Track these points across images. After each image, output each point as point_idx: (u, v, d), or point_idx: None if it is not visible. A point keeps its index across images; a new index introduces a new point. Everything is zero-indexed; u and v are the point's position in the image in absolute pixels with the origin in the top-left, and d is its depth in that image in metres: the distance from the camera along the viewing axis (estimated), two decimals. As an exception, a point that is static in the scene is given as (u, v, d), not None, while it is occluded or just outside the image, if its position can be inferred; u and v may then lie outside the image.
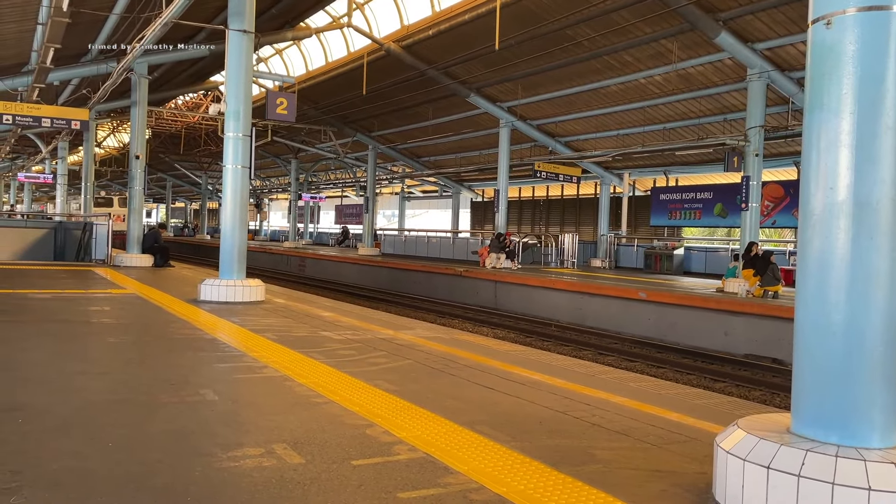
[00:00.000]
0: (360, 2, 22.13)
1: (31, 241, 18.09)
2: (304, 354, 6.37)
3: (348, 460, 3.50)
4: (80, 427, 3.93)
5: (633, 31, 17.35)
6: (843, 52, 2.89)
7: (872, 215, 2.81)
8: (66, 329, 7.51)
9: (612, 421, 4.45)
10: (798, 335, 3.04)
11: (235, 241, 10.89)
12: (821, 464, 2.68)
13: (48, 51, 12.94)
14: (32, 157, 37.77)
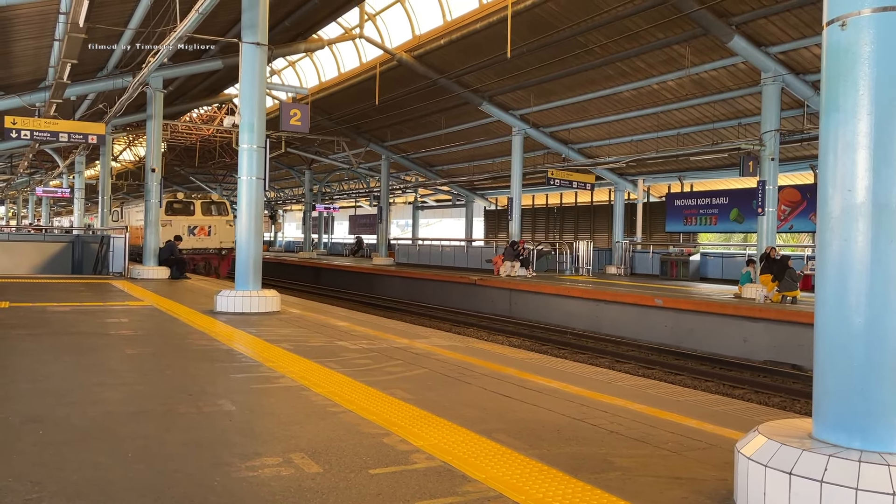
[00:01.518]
0: (371, 13, 22.27)
1: (50, 255, 18.29)
2: (320, 364, 6.38)
3: (366, 469, 3.49)
4: (100, 438, 3.96)
5: (646, 37, 17.32)
6: (859, 53, 2.87)
7: (892, 217, 2.79)
8: (84, 341, 7.57)
9: (631, 428, 4.42)
10: (818, 339, 3.00)
11: (251, 253, 10.94)
12: (844, 469, 2.64)
13: (65, 66, 13.10)
14: (50, 172, 38.22)
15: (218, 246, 23.92)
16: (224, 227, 23.97)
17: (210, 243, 23.86)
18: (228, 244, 23.45)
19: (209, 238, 23.92)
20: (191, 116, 32.68)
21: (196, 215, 23.91)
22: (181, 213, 23.53)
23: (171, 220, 22.45)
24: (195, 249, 23.36)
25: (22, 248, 18.29)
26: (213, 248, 23.94)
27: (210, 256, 23.78)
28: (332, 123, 29.69)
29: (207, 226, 24.00)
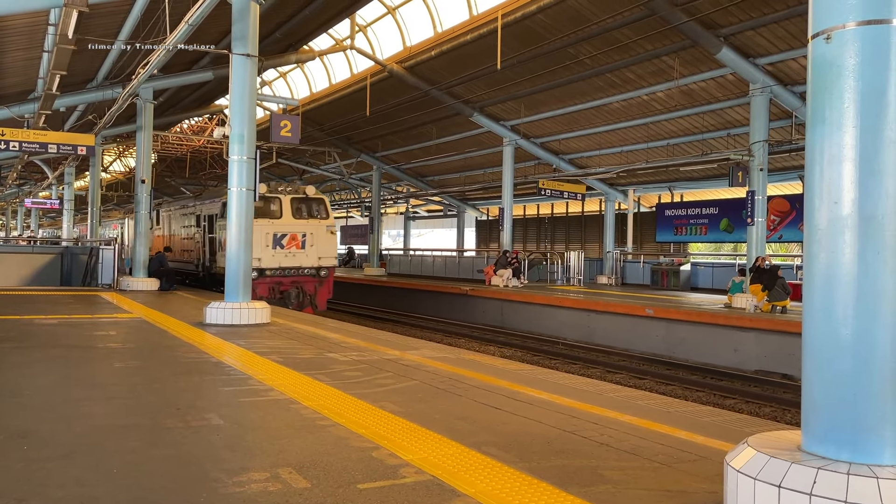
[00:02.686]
0: (362, 25, 22.33)
1: (38, 267, 18.16)
2: (310, 376, 6.34)
3: (354, 483, 3.47)
4: (85, 453, 3.91)
5: (635, 49, 17.42)
6: (844, 66, 2.89)
7: (878, 229, 2.79)
8: (71, 354, 7.51)
9: (621, 440, 4.41)
10: (806, 351, 3.01)
11: (241, 264, 10.90)
12: (832, 482, 2.63)
13: (54, 78, 13.05)
14: (39, 183, 38.04)
15: (315, 264, 17.21)
16: (324, 237, 17.39)
17: (304, 260, 17.06)
18: (329, 261, 17.52)
19: (303, 252, 17.10)
20: (181, 127, 32.62)
21: (284, 218, 17.04)
22: (261, 215, 16.43)
23: None
24: (282, 270, 16.82)
25: (10, 260, 18.15)
26: (309, 266, 17.14)
27: (303, 280, 17.16)
28: (324, 134, 29.69)
29: (301, 234, 17.11)
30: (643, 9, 15.37)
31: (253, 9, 10.90)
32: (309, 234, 17.24)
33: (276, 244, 16.75)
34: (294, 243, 16.99)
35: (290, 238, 16.96)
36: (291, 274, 17.00)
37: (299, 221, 17.25)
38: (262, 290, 16.37)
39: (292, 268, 16.98)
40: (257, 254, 15.56)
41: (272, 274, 16.58)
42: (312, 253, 17.25)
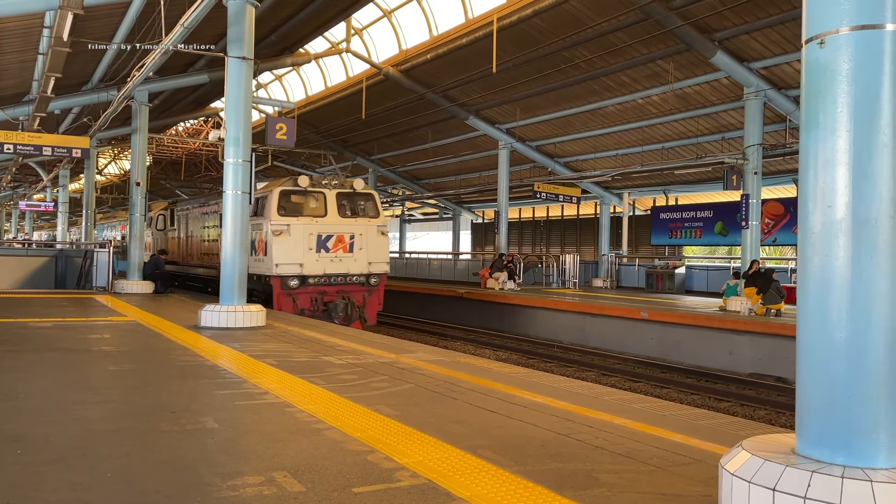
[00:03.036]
0: (358, 28, 22.34)
1: (32, 270, 18.10)
2: (305, 380, 6.33)
3: (349, 487, 3.46)
4: (80, 457, 3.90)
5: (630, 52, 17.47)
6: (837, 70, 2.90)
7: (872, 233, 2.81)
8: (66, 358, 7.48)
9: (616, 443, 4.41)
10: (800, 354, 3.02)
11: (236, 267, 10.88)
12: (827, 485, 2.64)
13: (49, 80, 13.02)
14: (34, 186, 37.94)
15: (365, 271, 15.02)
16: (375, 238, 15.20)
17: (353, 266, 14.85)
18: (381, 267, 15.31)
19: (350, 257, 14.86)
20: (177, 130, 32.57)
21: (329, 216, 14.85)
22: (303, 212, 14.71)
23: (289, 226, 14.22)
24: (327, 277, 14.63)
25: (4, 263, 18.09)
26: (358, 274, 14.94)
27: (351, 289, 14.95)
28: (319, 137, 29.67)
29: (349, 235, 14.87)
30: (638, 13, 15.42)
31: (249, 11, 10.90)
32: (358, 235, 14.96)
33: (321, 247, 14.50)
34: (341, 246, 14.73)
35: (337, 240, 14.66)
36: (338, 282, 14.71)
37: (346, 220, 15.00)
38: (304, 302, 14.34)
39: (339, 275, 14.66)
40: (298, 258, 14.09)
41: (316, 282, 14.40)
42: (362, 257, 14.96)
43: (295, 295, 13.95)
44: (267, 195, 14.55)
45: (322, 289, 14.59)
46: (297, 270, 13.85)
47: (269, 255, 14.05)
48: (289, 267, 13.95)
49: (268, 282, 14.26)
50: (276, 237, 13.89)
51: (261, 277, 14.53)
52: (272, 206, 14.33)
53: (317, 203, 14.99)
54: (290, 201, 14.76)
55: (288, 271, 13.92)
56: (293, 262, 13.98)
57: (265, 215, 14.42)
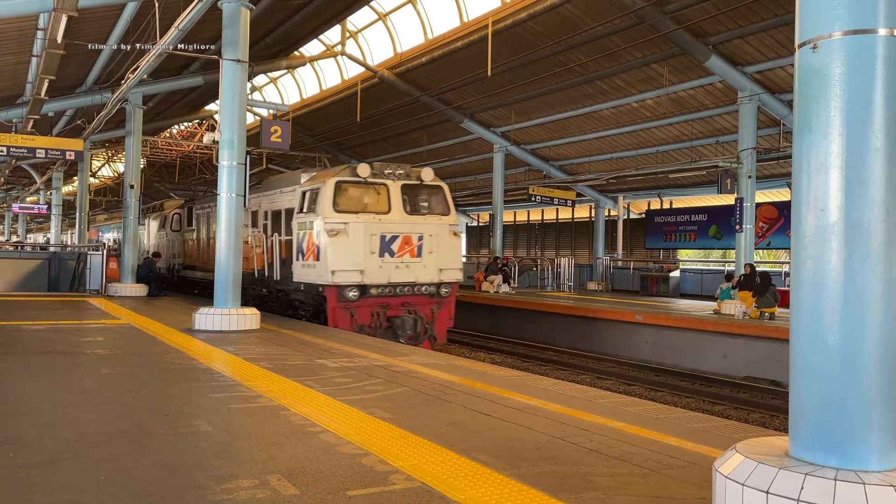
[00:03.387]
0: (353, 31, 22.35)
1: (25, 272, 18.03)
2: (300, 383, 6.32)
3: (343, 490, 3.45)
4: (73, 460, 3.88)
5: (625, 56, 17.52)
6: (830, 75, 2.92)
7: (864, 237, 2.82)
8: (59, 360, 7.45)
9: (611, 446, 4.42)
10: (794, 357, 3.03)
11: (230, 270, 10.86)
12: (820, 488, 2.65)
13: (43, 82, 13.00)
14: (27, 188, 37.81)
15: (436, 279, 12.70)
16: (447, 240, 12.91)
17: (421, 273, 12.55)
18: (452, 275, 12.97)
19: (419, 262, 12.54)
20: (171, 132, 32.54)
21: (394, 213, 12.50)
22: (362, 208, 12.35)
23: (347, 225, 11.89)
24: (392, 288, 12.32)
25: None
26: (427, 283, 12.63)
27: (418, 300, 12.67)
28: (314, 140, 29.67)
29: (416, 236, 12.54)
30: (632, 17, 15.47)
31: (244, 14, 10.90)
32: (427, 236, 12.57)
33: (385, 250, 12.14)
34: (407, 249, 12.35)
35: (403, 242, 12.30)
36: (404, 293, 12.38)
37: (413, 219, 12.66)
38: (364, 317, 12.09)
39: (405, 284, 12.32)
40: (357, 263, 11.79)
41: (379, 293, 12.08)
42: (431, 263, 12.58)
43: (353, 309, 11.80)
44: (318, 188, 12.26)
45: (385, 301, 12.29)
46: (356, 279, 11.75)
47: (323, 261, 11.79)
48: (347, 274, 11.72)
49: (319, 292, 12.06)
50: (332, 238, 11.66)
51: (310, 288, 12.30)
52: (326, 200, 11.97)
53: (378, 197, 12.58)
54: (348, 195, 12.33)
55: (346, 279, 11.70)
56: (352, 268, 11.78)
57: (316, 212, 12.13)
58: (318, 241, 11.89)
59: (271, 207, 14.37)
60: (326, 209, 11.91)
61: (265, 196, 14.81)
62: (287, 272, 13.29)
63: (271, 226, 14.28)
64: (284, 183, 14.19)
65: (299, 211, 12.55)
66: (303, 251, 12.52)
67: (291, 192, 13.51)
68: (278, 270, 13.64)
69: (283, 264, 13.53)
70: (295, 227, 12.87)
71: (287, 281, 13.30)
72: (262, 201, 14.83)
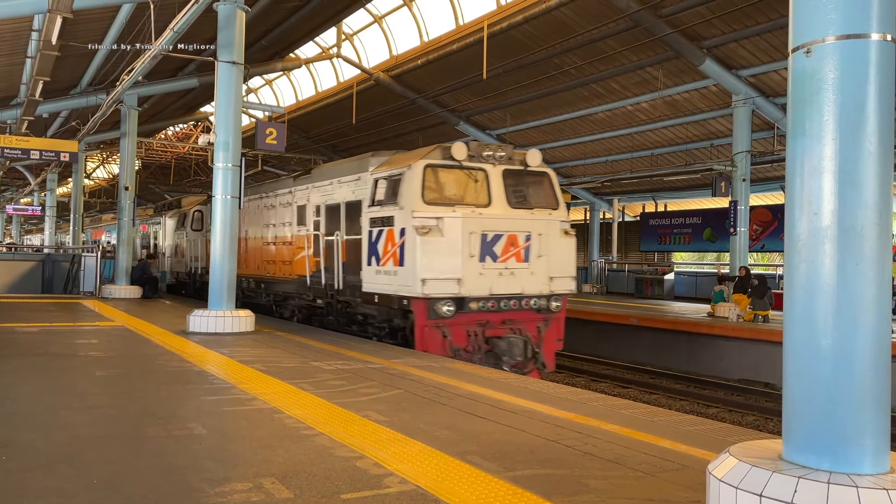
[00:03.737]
0: (349, 33, 22.36)
1: (19, 274, 17.96)
2: (294, 385, 6.31)
3: (337, 494, 3.45)
4: (66, 463, 3.87)
5: (620, 59, 17.56)
6: (824, 79, 2.93)
7: (857, 240, 2.83)
8: (53, 363, 7.42)
9: (605, 449, 4.42)
10: (787, 360, 3.04)
11: (225, 272, 10.84)
12: (813, 491, 2.66)
13: (37, 83, 12.96)
14: (21, 190, 37.69)
15: (546, 291, 10.16)
16: (558, 241, 10.32)
17: (529, 283, 10.02)
18: (565, 284, 10.36)
19: (526, 269, 9.98)
20: (166, 134, 32.47)
21: (495, 206, 9.97)
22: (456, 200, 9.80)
23: (440, 220, 9.41)
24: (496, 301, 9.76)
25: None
26: (536, 295, 10.09)
27: (523, 316, 10.17)
28: (309, 142, 29.66)
29: (524, 235, 10.02)
30: (628, 20, 15.52)
31: (239, 16, 10.90)
32: (536, 235, 10.00)
33: (486, 253, 9.56)
34: (513, 252, 9.78)
35: (508, 242, 9.74)
36: (509, 307, 9.81)
37: (519, 213, 10.05)
38: (459, 337, 9.52)
39: (511, 296, 9.78)
40: (454, 269, 9.25)
41: (479, 307, 9.54)
42: (541, 270, 9.99)
43: (446, 327, 9.37)
44: (400, 173, 9.81)
45: (485, 317, 9.74)
46: (452, 289, 9.28)
47: (411, 266, 9.25)
48: (441, 284, 9.20)
49: (403, 306, 9.59)
50: (423, 237, 9.16)
51: (387, 300, 9.87)
52: (412, 188, 9.43)
53: (476, 185, 10.07)
54: (440, 182, 9.82)
55: (440, 290, 9.20)
56: (448, 276, 9.23)
57: (399, 203, 9.62)
58: (403, 241, 9.47)
59: (325, 201, 11.98)
60: (414, 200, 9.38)
61: (316, 188, 12.40)
62: (353, 280, 10.82)
63: (326, 223, 11.86)
64: (344, 171, 11.79)
65: (371, 204, 10.28)
66: (378, 254, 10.04)
67: (355, 182, 11.15)
68: (340, 277, 11.20)
69: (347, 270, 11.05)
70: (364, 223, 10.46)
71: (353, 291, 10.86)
72: (312, 194, 12.52)
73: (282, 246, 13.73)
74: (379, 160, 10.94)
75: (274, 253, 14.11)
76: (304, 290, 12.63)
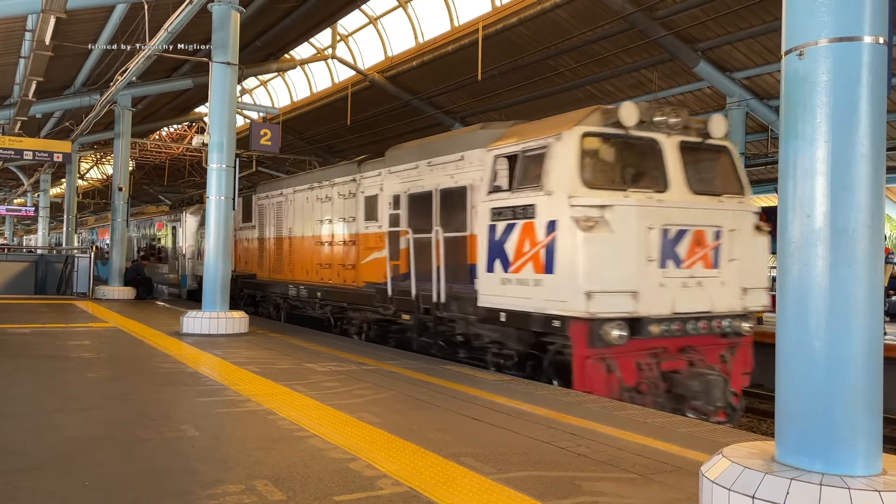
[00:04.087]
0: (344, 34, 22.35)
1: (12, 275, 17.89)
2: (288, 387, 6.30)
3: (330, 496, 3.44)
4: (57, 466, 3.85)
5: (614, 61, 17.59)
6: (816, 81, 2.93)
7: (850, 243, 2.84)
8: (45, 364, 7.39)
9: (599, 451, 4.42)
10: (780, 362, 3.04)
11: (219, 273, 10.81)
12: (805, 492, 2.66)
13: (31, 84, 12.92)
14: (14, 190, 37.55)
15: (738, 307, 7.68)
16: (749, 239, 7.94)
17: (717, 297, 7.50)
18: (759, 299, 8.07)
19: (714, 277, 7.47)
20: (160, 135, 32.40)
21: (673, 191, 7.42)
22: (631, 181, 7.49)
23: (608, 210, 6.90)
24: (682, 323, 7.22)
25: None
26: (727, 313, 7.57)
27: (708, 341, 7.63)
28: (304, 143, 29.62)
29: (713, 232, 7.46)
30: (622, 22, 15.54)
31: (234, 17, 10.88)
32: (727, 232, 7.63)
33: (668, 255, 7.16)
34: (699, 254, 7.41)
35: (693, 241, 7.35)
36: (697, 331, 7.42)
37: (703, 201, 7.70)
38: (629, 372, 7.15)
39: (699, 315, 7.38)
40: (626, 279, 6.89)
41: (663, 332, 7.12)
42: (732, 278, 7.68)
43: (612, 359, 7.01)
44: (544, 145, 7.48)
45: (662, 344, 7.32)
46: (626, 306, 6.88)
47: (568, 274, 6.92)
48: (611, 299, 6.83)
49: (553, 329, 7.15)
50: (587, 233, 6.77)
51: (524, 320, 7.46)
52: (568, 165, 7.16)
53: (646, 163, 7.66)
54: (601, 158, 7.56)
55: (610, 307, 6.83)
56: (620, 287, 6.87)
57: (545, 187, 7.28)
58: (552, 239, 7.04)
59: (408, 189, 9.66)
60: (569, 182, 7.04)
61: (393, 173, 10.13)
62: (459, 290, 8.40)
63: (410, 216, 9.55)
64: (436, 150, 9.35)
65: (492, 190, 7.94)
66: (505, 256, 7.62)
67: (456, 163, 8.75)
68: (441, 287, 8.65)
69: (451, 277, 8.58)
70: (481, 216, 8.03)
71: (461, 305, 8.36)
72: (387, 181, 10.24)
73: (341, 246, 11.43)
74: (491, 133, 8.60)
75: (330, 255, 11.77)
76: (377, 302, 10.13)
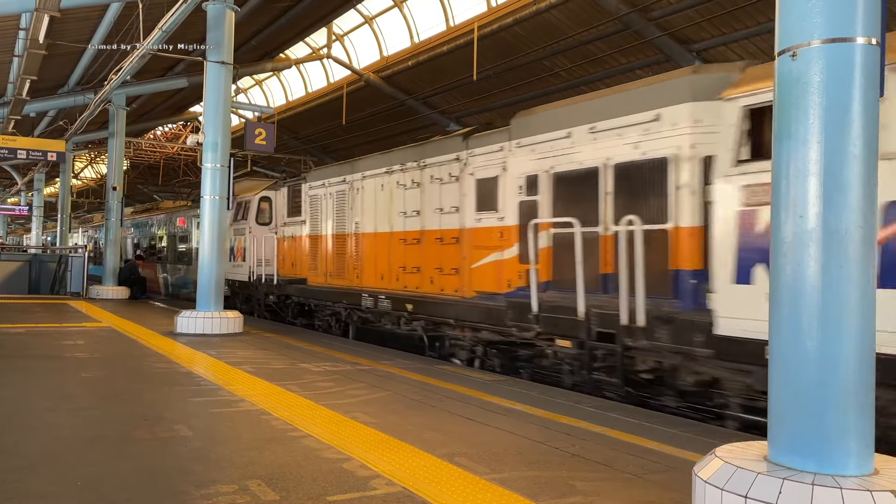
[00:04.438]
0: (339, 34, 22.32)
1: (6, 274, 17.81)
2: (282, 387, 6.29)
3: (324, 496, 3.44)
4: (49, 466, 3.84)
5: (609, 62, 17.61)
6: (809, 82, 2.94)
7: (842, 243, 2.84)
8: (38, 364, 7.36)
9: (593, 451, 4.42)
10: (773, 363, 3.05)
11: (213, 272, 10.79)
12: (797, 492, 2.67)
13: (24, 82, 12.87)
14: (8, 190, 37.41)
15: None
16: None
17: None
18: None
19: None
20: (155, 134, 32.31)
21: None
22: None
23: None
24: None
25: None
26: None
27: None
28: (299, 143, 29.59)
29: None
30: (617, 23, 15.57)
31: (228, 16, 10.86)
32: None
33: None
34: None
35: None
36: None
37: None
38: None
39: None
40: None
41: None
42: None
43: None
44: None
45: None
46: None
47: None
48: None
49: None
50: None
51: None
52: None
53: None
54: None
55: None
56: None
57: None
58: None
59: (552, 167, 7.59)
60: None
61: (524, 147, 8.38)
62: (672, 310, 6.03)
63: (556, 203, 7.41)
64: (610, 107, 7.00)
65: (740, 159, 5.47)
66: None
67: (642, 126, 6.44)
68: (639, 304, 6.17)
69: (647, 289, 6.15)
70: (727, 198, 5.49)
71: (674, 334, 5.94)
72: (513, 158, 8.53)
73: (438, 245, 9.13)
74: (712, 79, 5.98)
75: (418, 256, 9.49)
76: (509, 319, 7.66)
